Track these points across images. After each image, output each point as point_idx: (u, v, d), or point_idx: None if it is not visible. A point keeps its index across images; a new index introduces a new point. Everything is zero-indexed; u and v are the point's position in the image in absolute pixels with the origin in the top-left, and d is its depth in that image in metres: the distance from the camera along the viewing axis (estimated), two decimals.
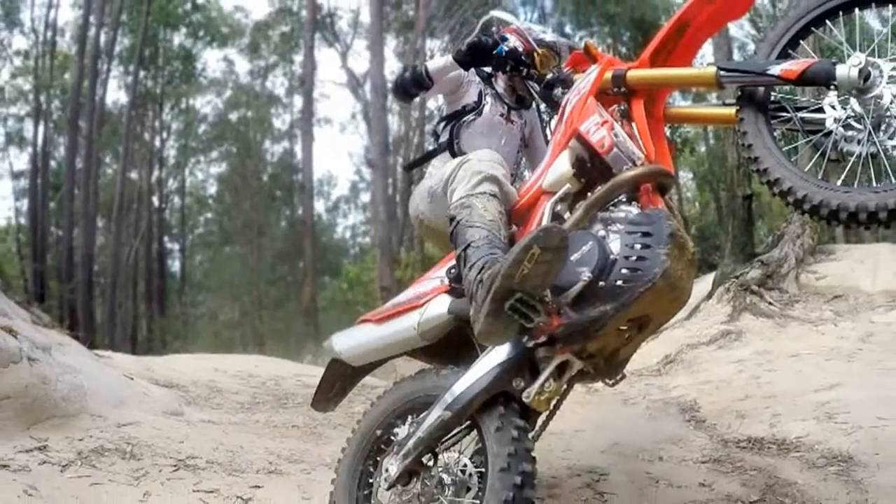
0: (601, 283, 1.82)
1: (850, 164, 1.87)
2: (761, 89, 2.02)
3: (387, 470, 2.05)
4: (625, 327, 1.94)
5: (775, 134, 2.01)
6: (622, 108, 2.17)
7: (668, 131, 2.34)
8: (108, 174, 24.01)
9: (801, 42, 2.03)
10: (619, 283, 1.80)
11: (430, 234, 2.61)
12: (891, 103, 1.81)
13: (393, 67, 19.02)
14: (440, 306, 2.16)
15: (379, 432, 2.18)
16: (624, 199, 2.00)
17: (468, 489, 1.94)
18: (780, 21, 2.06)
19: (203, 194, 29.67)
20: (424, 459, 2.02)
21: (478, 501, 1.85)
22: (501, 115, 2.66)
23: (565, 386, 2.08)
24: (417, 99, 2.76)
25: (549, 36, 2.66)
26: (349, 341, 2.40)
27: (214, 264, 28.87)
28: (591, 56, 2.30)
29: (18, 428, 2.85)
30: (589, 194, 2.02)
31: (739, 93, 2.05)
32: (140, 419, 3.40)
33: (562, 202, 2.05)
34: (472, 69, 2.61)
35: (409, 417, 2.12)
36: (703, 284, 7.34)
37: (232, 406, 4.46)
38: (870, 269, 6.70)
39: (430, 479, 1.97)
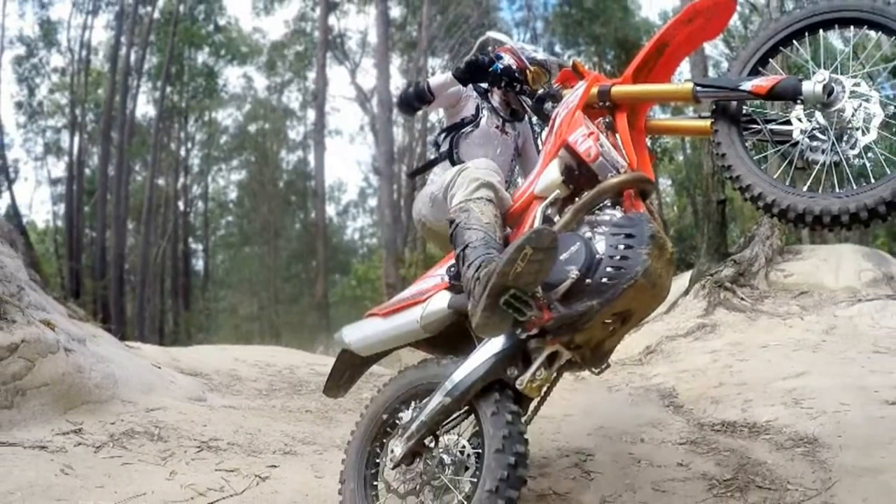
0: (588, 281, 1.82)
1: (815, 172, 1.87)
2: (734, 103, 2.02)
3: (392, 451, 2.05)
4: (609, 321, 1.94)
5: (747, 144, 2.01)
6: (607, 120, 2.17)
7: (648, 142, 2.34)
8: (138, 181, 23.96)
9: (771, 60, 2.03)
10: (605, 280, 1.80)
11: (432, 236, 2.60)
12: (852, 116, 1.82)
13: (398, 83, 19.07)
14: (441, 301, 2.16)
15: (385, 416, 2.17)
16: (609, 204, 2.00)
17: (466, 468, 1.94)
18: (751, 41, 2.06)
19: (224, 199, 29.68)
20: (426, 441, 2.02)
21: (475, 479, 1.85)
22: (497, 126, 2.65)
23: (555, 374, 2.07)
24: (420, 112, 2.75)
25: (541, 54, 2.65)
26: (358, 333, 2.39)
27: (235, 263, 28.86)
28: (578, 73, 2.30)
29: (56, 412, 2.85)
30: (577, 199, 2.02)
31: (714, 106, 2.05)
32: (167, 404, 3.40)
33: (552, 206, 2.05)
34: (470, 85, 2.60)
35: (413, 403, 2.12)
36: (680, 281, 7.35)
37: (251, 392, 4.45)
38: (833, 268, 6.70)
39: (432, 460, 1.98)
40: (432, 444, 2.02)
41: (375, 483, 2.11)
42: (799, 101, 1.87)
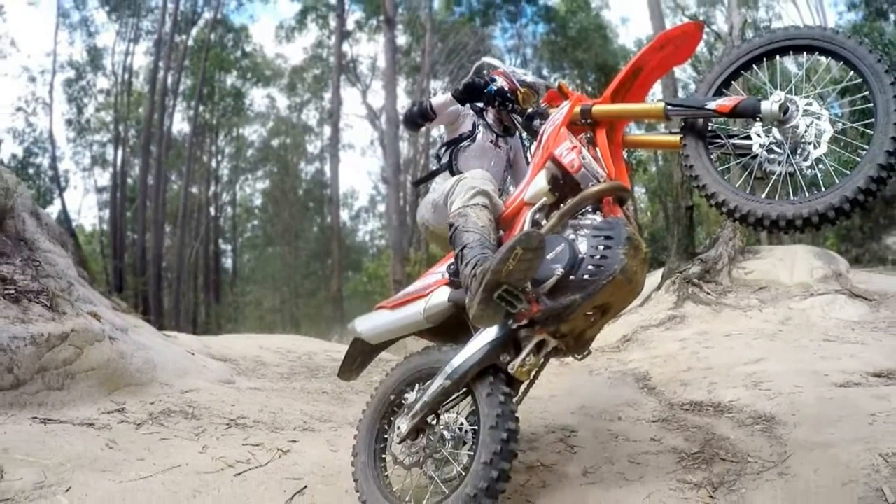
0: (572, 277, 1.82)
1: (772, 181, 1.87)
2: (701, 120, 2.02)
3: (398, 428, 2.05)
4: (591, 312, 1.93)
5: (712, 156, 2.01)
6: (588, 135, 2.17)
7: (625, 154, 2.34)
8: (174, 189, 23.96)
9: (733, 82, 2.03)
10: (586, 276, 1.80)
11: (434, 238, 2.60)
12: (805, 132, 1.82)
13: (403, 103, 19.02)
14: (442, 296, 2.16)
15: (392, 397, 2.18)
16: (590, 210, 2.00)
17: (464, 443, 1.95)
18: (715, 65, 2.06)
19: (250, 205, 29.68)
20: (429, 419, 2.02)
21: (472, 453, 1.86)
22: (491, 141, 2.65)
23: (542, 360, 2.07)
24: (423, 128, 2.74)
25: (530, 77, 2.64)
26: (368, 324, 2.39)
27: (259, 262, 28.84)
28: (563, 94, 2.30)
29: (101, 394, 2.85)
30: (562, 205, 2.02)
31: (683, 123, 2.05)
32: (200, 387, 3.40)
33: (540, 212, 2.05)
34: (468, 104, 2.60)
35: (417, 385, 2.12)
36: (653, 278, 7.34)
37: (274, 376, 4.45)
38: (788, 266, 6.70)
39: (434, 435, 1.98)
40: (434, 422, 2.03)
41: (384, 456, 2.11)
42: (758, 119, 1.87)
